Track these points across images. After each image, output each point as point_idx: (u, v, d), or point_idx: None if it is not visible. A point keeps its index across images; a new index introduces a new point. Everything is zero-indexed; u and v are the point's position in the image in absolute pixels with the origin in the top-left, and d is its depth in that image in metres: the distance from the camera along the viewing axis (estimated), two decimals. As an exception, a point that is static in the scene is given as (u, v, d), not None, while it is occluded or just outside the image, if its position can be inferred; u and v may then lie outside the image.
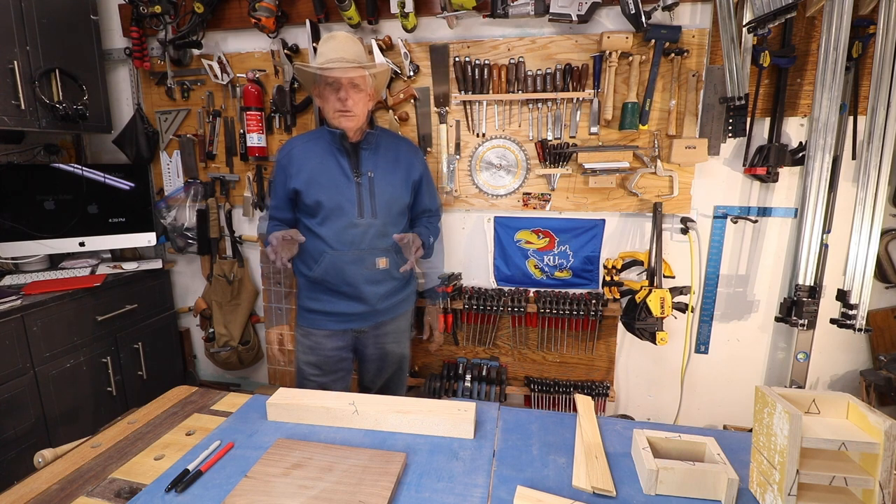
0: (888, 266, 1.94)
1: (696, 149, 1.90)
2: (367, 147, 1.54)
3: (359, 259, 1.53)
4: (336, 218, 1.50)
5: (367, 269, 1.54)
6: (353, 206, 1.50)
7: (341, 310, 1.58)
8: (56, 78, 1.97)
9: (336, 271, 1.53)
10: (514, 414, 1.11)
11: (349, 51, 1.45)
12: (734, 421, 2.21)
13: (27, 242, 2.09)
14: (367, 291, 1.56)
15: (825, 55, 1.70)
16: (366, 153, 1.54)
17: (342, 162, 1.52)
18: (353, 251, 1.52)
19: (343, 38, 1.48)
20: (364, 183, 1.52)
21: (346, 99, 1.44)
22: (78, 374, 1.98)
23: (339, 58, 1.43)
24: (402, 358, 1.74)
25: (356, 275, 1.53)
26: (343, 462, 0.89)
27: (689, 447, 0.88)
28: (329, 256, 1.52)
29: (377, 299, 1.58)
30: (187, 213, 2.34)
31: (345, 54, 1.44)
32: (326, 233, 1.51)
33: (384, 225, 1.54)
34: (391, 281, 1.60)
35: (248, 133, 2.17)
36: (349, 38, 1.49)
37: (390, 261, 1.56)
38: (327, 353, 1.62)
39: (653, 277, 1.99)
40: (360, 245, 1.52)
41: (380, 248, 1.55)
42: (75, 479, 0.90)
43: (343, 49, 1.45)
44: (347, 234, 1.51)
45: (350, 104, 1.45)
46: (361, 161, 1.53)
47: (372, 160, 1.54)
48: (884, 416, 0.71)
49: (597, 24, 1.93)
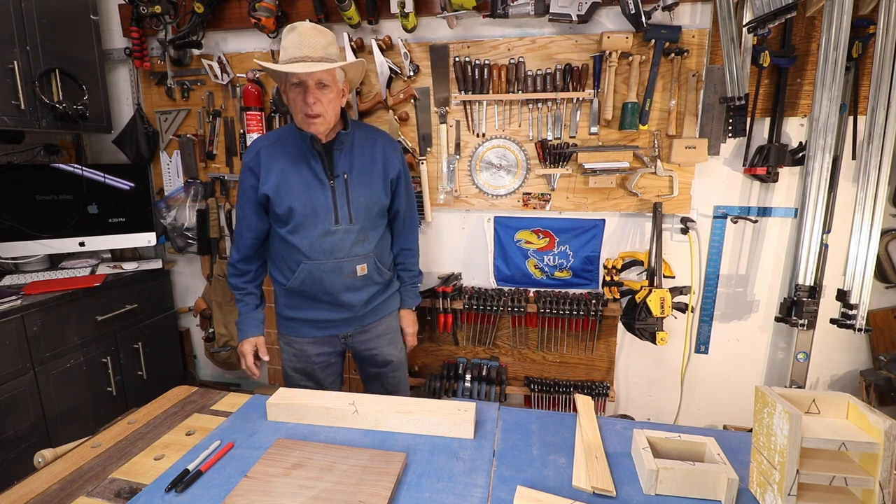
0: (888, 266, 1.94)
1: (696, 149, 1.90)
2: (341, 148, 1.43)
3: (337, 268, 1.43)
4: (311, 226, 1.40)
5: (346, 278, 1.45)
6: (328, 212, 1.40)
7: (322, 317, 1.51)
8: (56, 78, 1.97)
9: (313, 281, 1.44)
10: (514, 414, 1.11)
11: (315, 45, 1.30)
12: (734, 421, 2.21)
13: (27, 242, 2.09)
14: (348, 299, 1.48)
15: (825, 55, 1.70)
16: (339, 154, 1.43)
17: (314, 164, 1.40)
18: (330, 260, 1.42)
19: (307, 31, 1.31)
20: (339, 186, 1.41)
21: (313, 102, 1.30)
22: (78, 374, 1.98)
23: (303, 55, 1.29)
24: (402, 360, 1.70)
25: (335, 284, 1.45)
26: (343, 462, 0.89)
27: (689, 447, 0.88)
28: (305, 266, 1.42)
29: (359, 305, 1.51)
30: (187, 213, 2.34)
31: (310, 51, 1.29)
32: (301, 242, 1.40)
33: (362, 230, 1.45)
34: (372, 286, 1.53)
35: (248, 133, 2.17)
36: (314, 28, 1.32)
37: (370, 266, 1.48)
38: (313, 359, 1.56)
39: (653, 277, 1.99)
40: (338, 254, 1.42)
41: (359, 255, 1.46)
42: (75, 479, 0.90)
43: (307, 44, 1.29)
44: (324, 242, 1.41)
45: (318, 108, 1.31)
46: (335, 163, 1.42)
47: (346, 160, 1.43)
48: (884, 416, 0.71)
49: (597, 24, 1.93)
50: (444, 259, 2.28)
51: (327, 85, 1.33)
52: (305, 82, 1.30)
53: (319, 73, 1.29)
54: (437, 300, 2.12)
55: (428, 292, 2.17)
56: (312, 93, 1.31)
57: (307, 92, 1.31)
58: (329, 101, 1.34)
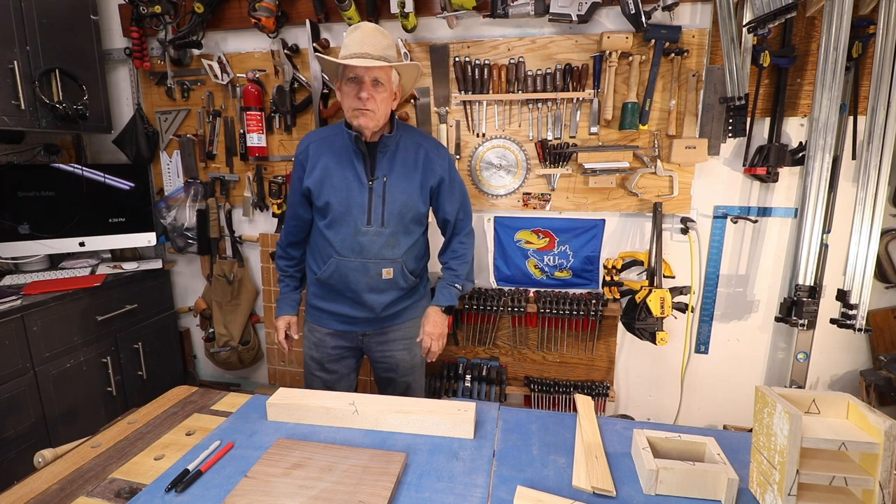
0: (888, 266, 1.94)
1: (696, 149, 1.90)
2: (384, 150, 1.45)
3: (363, 268, 1.47)
4: (344, 223, 1.44)
5: (370, 279, 1.49)
6: (362, 212, 1.43)
7: (344, 311, 1.55)
8: (56, 78, 1.97)
9: (340, 277, 1.49)
10: (514, 414, 1.11)
11: (375, 44, 1.34)
12: (734, 421, 2.21)
13: (27, 242, 2.09)
14: (370, 300, 1.51)
15: (825, 55, 1.70)
16: (382, 156, 1.45)
17: (356, 164, 1.44)
18: (358, 259, 1.46)
19: (370, 30, 1.36)
20: (377, 188, 1.44)
21: (367, 98, 1.34)
22: (78, 374, 1.98)
23: (364, 52, 1.33)
24: (413, 367, 1.66)
25: (359, 283, 1.49)
26: (343, 462, 0.89)
27: (689, 447, 0.88)
28: (335, 261, 1.48)
29: (380, 308, 1.54)
30: (187, 213, 2.34)
31: (370, 49, 1.33)
32: (334, 237, 1.46)
33: (393, 234, 1.47)
34: (395, 290, 1.55)
35: (248, 133, 2.17)
36: (376, 29, 1.37)
37: (396, 271, 1.50)
38: (329, 350, 1.61)
39: (653, 277, 1.99)
40: (366, 254, 1.46)
41: (387, 259, 1.48)
42: (75, 479, 0.90)
43: (368, 42, 1.34)
44: (354, 241, 1.45)
45: (369, 102, 1.35)
46: (377, 165, 1.45)
47: (388, 164, 1.45)
48: (884, 416, 0.71)
49: (597, 24, 1.93)
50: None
51: (382, 83, 1.36)
52: (361, 77, 1.34)
53: (376, 70, 1.34)
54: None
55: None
56: (367, 88, 1.34)
57: (361, 87, 1.35)
58: (382, 100, 1.38)
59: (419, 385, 1.73)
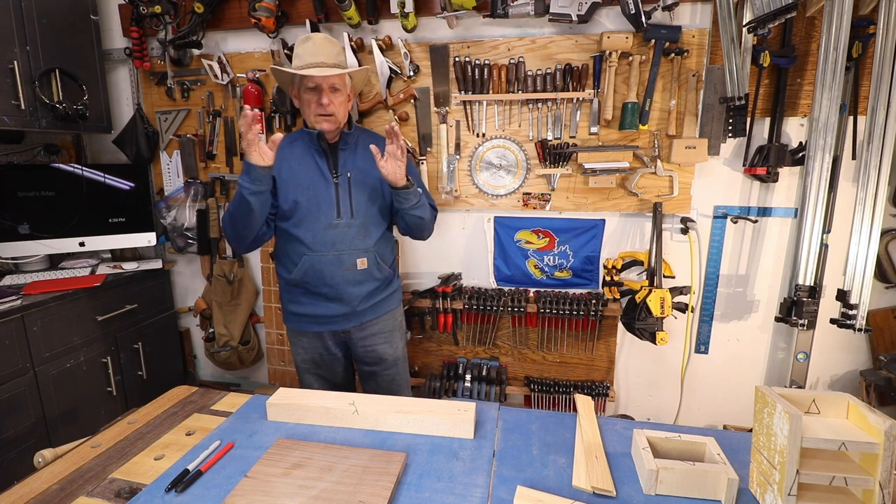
0: (888, 266, 1.94)
1: (696, 149, 1.90)
2: (345, 147, 1.54)
3: (337, 260, 1.51)
4: (314, 219, 1.49)
5: (346, 271, 1.52)
6: (331, 206, 1.49)
7: (321, 312, 1.57)
8: (56, 78, 1.97)
9: (315, 273, 1.51)
10: (514, 414, 1.11)
11: (328, 53, 1.47)
12: (734, 421, 2.21)
13: (27, 242, 2.09)
14: (348, 292, 1.54)
15: (825, 55, 1.70)
16: (344, 153, 1.54)
17: (320, 162, 1.52)
18: (332, 252, 1.50)
19: (320, 41, 1.48)
20: (342, 183, 1.51)
21: (328, 103, 1.44)
22: (78, 374, 1.98)
23: (319, 62, 1.45)
24: (396, 359, 1.71)
25: (335, 276, 1.52)
26: (343, 462, 0.89)
27: (689, 447, 0.88)
28: (307, 259, 1.50)
29: (358, 300, 1.57)
30: (187, 213, 2.34)
31: (324, 58, 1.46)
32: (304, 234, 1.49)
33: (363, 225, 1.53)
34: (372, 281, 1.58)
35: (248, 133, 2.17)
36: (326, 39, 1.49)
37: (370, 260, 1.55)
38: (317, 351, 1.64)
39: (653, 277, 1.99)
40: (340, 246, 1.51)
41: (360, 249, 1.53)
42: (75, 479, 0.90)
43: (321, 52, 1.46)
44: (326, 234, 1.49)
45: (331, 107, 1.45)
46: (339, 161, 1.53)
47: (350, 160, 1.54)
48: (884, 416, 0.71)
49: (597, 24, 1.93)
50: (444, 259, 2.28)
51: (339, 88, 1.48)
52: (321, 85, 1.45)
53: (333, 77, 1.45)
54: (437, 300, 2.13)
55: (428, 292, 2.17)
56: (327, 94, 1.45)
57: (322, 94, 1.45)
58: (340, 103, 1.49)
59: (404, 379, 1.76)
